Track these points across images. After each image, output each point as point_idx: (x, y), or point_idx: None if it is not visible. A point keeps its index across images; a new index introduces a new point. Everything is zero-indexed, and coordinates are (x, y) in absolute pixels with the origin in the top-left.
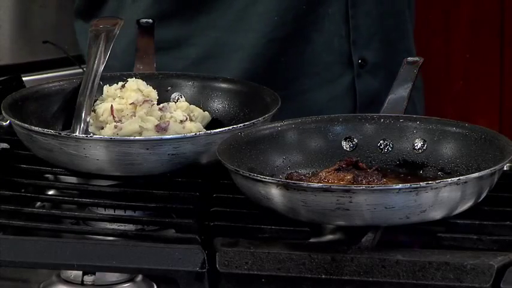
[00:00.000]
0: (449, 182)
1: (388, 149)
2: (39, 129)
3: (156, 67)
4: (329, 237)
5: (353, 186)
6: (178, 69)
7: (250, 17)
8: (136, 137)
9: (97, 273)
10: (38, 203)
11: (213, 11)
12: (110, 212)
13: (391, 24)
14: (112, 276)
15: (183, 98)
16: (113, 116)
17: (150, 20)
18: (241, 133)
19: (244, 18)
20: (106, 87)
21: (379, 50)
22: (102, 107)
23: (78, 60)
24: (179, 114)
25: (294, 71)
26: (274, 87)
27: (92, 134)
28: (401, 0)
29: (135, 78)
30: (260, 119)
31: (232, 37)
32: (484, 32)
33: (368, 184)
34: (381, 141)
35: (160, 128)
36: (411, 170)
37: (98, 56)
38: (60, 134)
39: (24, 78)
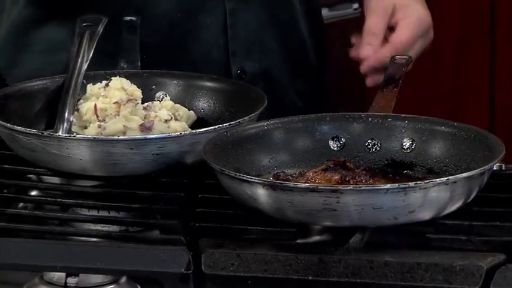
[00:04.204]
0: (438, 182)
1: (376, 149)
2: (22, 128)
3: (140, 65)
4: (316, 238)
5: (340, 187)
6: (48, 74)
7: (116, 25)
8: (120, 137)
9: (80, 275)
10: (21, 204)
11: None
12: (94, 212)
13: (272, 34)
14: (96, 278)
15: (168, 97)
16: (97, 115)
17: (134, 18)
18: (227, 132)
19: (109, 27)
20: (89, 86)
21: (258, 60)
22: (86, 106)
23: None
24: (164, 114)
25: None
26: None
27: (75, 134)
28: (290, 10)
29: (119, 76)
30: (246, 118)
31: (98, 45)
32: (474, 28)
33: (356, 184)
34: (369, 141)
35: (145, 128)
36: (399, 169)
37: (81, 55)
38: (43, 133)
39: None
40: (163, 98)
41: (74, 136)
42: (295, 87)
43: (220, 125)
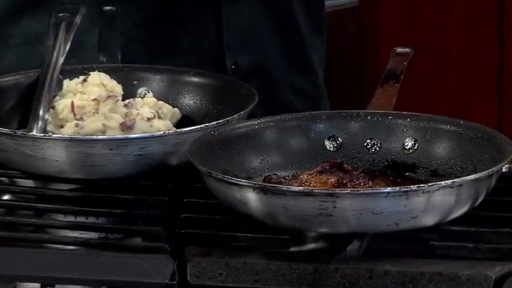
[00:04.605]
0: (442, 185)
1: (375, 149)
2: None
3: (120, 59)
4: (311, 245)
5: (337, 190)
6: (26, 68)
7: (94, 16)
8: (99, 136)
9: (56, 286)
10: None
11: None
12: (71, 218)
13: (267, 26)
14: None
15: (151, 93)
16: (74, 113)
17: (114, 8)
18: (214, 132)
19: (87, 18)
20: (66, 82)
21: (253, 54)
22: (62, 104)
23: None
24: (146, 111)
25: None
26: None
27: (50, 133)
28: (287, 1)
29: (98, 71)
30: (235, 116)
31: (88, 36)
32: (482, 20)
33: (353, 187)
34: (368, 141)
35: (126, 127)
36: (401, 171)
37: (57, 48)
38: (15, 133)
39: None
40: (145, 94)
41: (50, 136)
42: (291, 84)
43: (207, 124)
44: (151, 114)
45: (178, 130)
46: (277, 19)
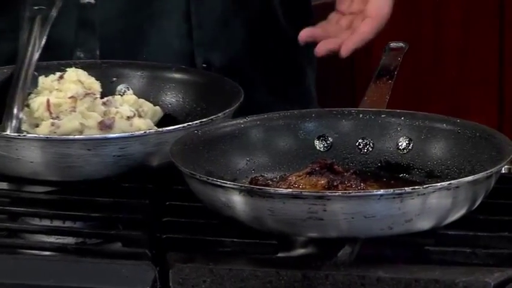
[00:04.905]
0: (438, 187)
1: (368, 149)
2: None
3: (98, 55)
4: (300, 251)
5: (327, 192)
6: None
7: (71, 9)
8: (77, 136)
9: None
10: None
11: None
12: (47, 222)
13: (240, 21)
14: None
15: (131, 91)
16: (50, 111)
17: (93, 0)
18: (197, 131)
19: (64, 11)
20: (41, 79)
21: (225, 52)
22: (37, 102)
23: None
24: (126, 110)
25: None
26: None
27: (25, 133)
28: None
29: (75, 67)
30: (220, 114)
31: (64, 31)
32: (481, 13)
33: (345, 190)
34: (360, 140)
35: (104, 126)
36: (395, 173)
37: (32, 43)
38: None
39: None
40: (125, 91)
41: (24, 135)
42: (271, 85)
43: (190, 123)
44: (131, 113)
45: (160, 129)
46: (251, 14)
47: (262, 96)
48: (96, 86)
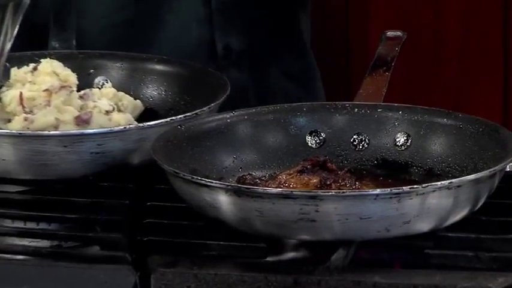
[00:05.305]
0: (438, 186)
1: (363, 146)
2: None
3: (75, 45)
4: (291, 254)
5: (320, 192)
6: None
7: None
8: (52, 132)
9: None
10: None
11: None
12: (20, 224)
13: (257, 5)
14: None
15: (109, 83)
16: (23, 105)
17: None
18: (181, 126)
19: None
20: (14, 70)
21: (242, 34)
22: (9, 95)
23: None
24: (104, 104)
25: None
26: None
27: None
28: None
29: (50, 58)
30: (205, 108)
31: (39, 19)
32: (484, 0)
33: (338, 189)
34: (355, 136)
35: (81, 121)
36: (392, 171)
37: (3, 32)
38: None
39: None
40: (103, 84)
41: None
42: (283, 68)
43: (173, 118)
44: (110, 107)
45: (141, 125)
46: None
47: (276, 81)
48: (72, 78)
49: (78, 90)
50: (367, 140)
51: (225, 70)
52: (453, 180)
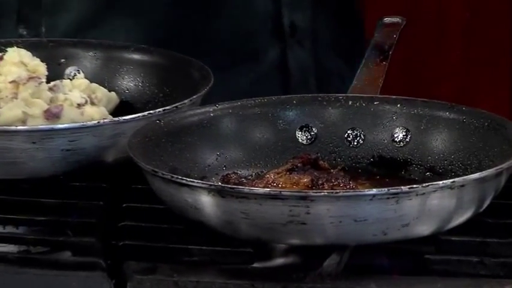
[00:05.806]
0: (440, 185)
1: (358, 142)
2: None
3: (45, 31)
4: (279, 260)
5: (311, 192)
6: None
7: None
8: (19, 127)
9: None
10: None
11: None
12: None
13: None
14: None
15: (82, 74)
16: None
17: None
18: (160, 121)
19: None
20: None
21: (306, 11)
22: None
23: None
24: (76, 96)
25: (205, 44)
26: None
27: None
28: None
29: (17, 47)
30: (186, 101)
31: (4, 4)
32: None
33: (331, 189)
34: (349, 131)
35: (51, 115)
36: (390, 169)
37: None
38: None
39: None
40: (75, 75)
41: None
42: (340, 49)
43: (151, 111)
44: (83, 100)
45: (116, 119)
46: None
47: (331, 60)
48: (41, 68)
49: (47, 82)
50: (362, 135)
51: (292, 48)
52: (456, 179)
